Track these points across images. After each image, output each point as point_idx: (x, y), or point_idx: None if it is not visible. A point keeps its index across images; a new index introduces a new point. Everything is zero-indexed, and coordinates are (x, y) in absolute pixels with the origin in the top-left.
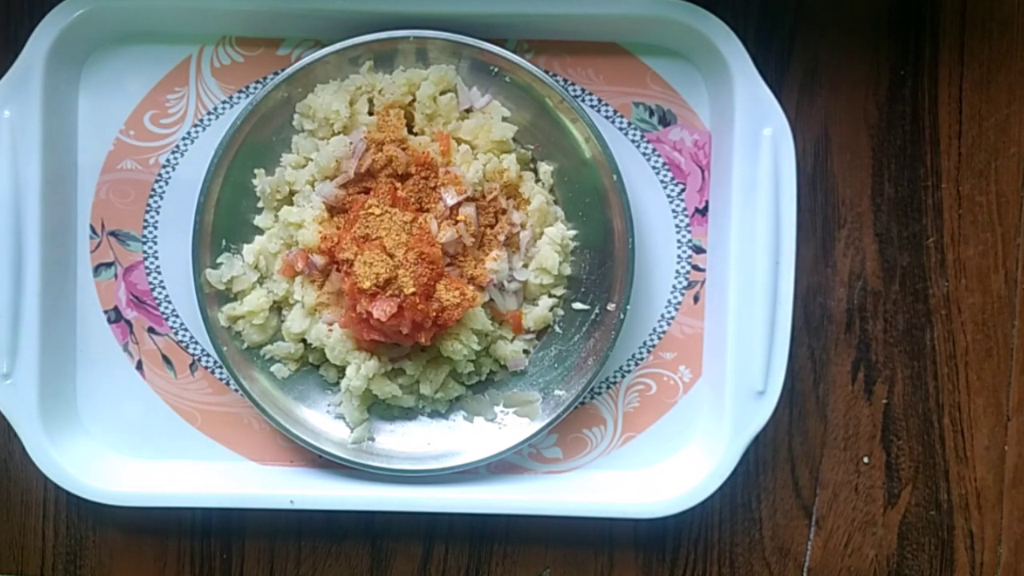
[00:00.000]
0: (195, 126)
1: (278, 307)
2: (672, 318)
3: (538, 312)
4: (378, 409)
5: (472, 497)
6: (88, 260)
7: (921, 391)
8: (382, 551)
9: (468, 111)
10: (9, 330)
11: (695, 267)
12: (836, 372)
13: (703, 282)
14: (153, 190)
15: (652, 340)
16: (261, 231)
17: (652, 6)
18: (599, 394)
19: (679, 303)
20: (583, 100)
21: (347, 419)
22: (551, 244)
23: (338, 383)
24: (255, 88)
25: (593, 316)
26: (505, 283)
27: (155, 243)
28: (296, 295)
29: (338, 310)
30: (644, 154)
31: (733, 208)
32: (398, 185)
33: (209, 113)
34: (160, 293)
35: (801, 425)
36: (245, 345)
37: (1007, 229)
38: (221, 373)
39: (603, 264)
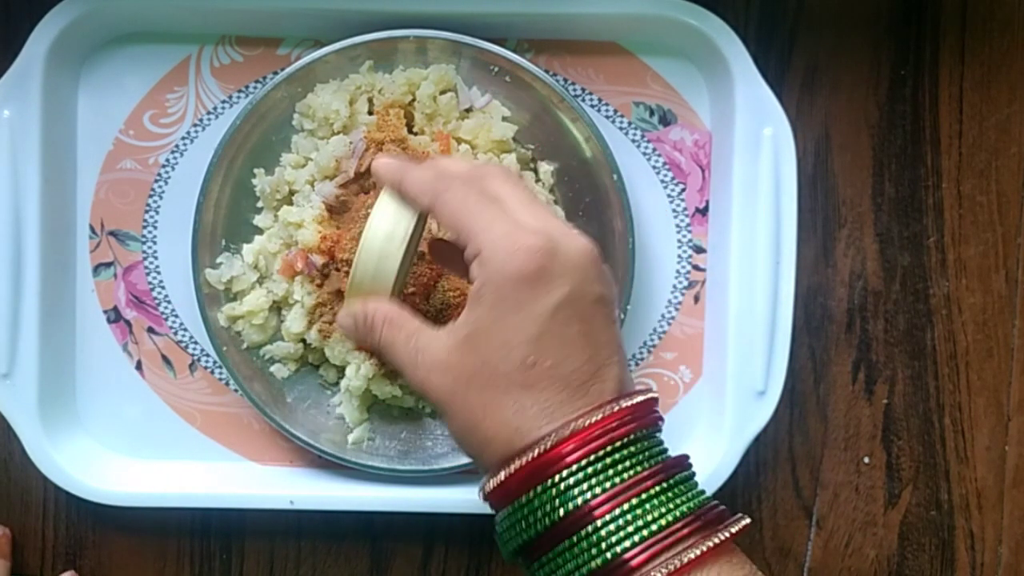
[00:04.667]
0: (195, 126)
1: (278, 307)
2: (672, 318)
3: None
4: (378, 409)
5: (472, 497)
6: (88, 260)
7: (922, 391)
8: (382, 551)
9: (468, 111)
10: (8, 330)
11: (695, 267)
12: (837, 372)
13: (703, 282)
14: (153, 190)
15: (652, 340)
16: (261, 231)
17: (652, 5)
18: None
19: (679, 303)
20: (583, 100)
21: (347, 419)
22: None
23: (338, 383)
24: (255, 88)
25: None
26: None
27: (155, 243)
28: (296, 295)
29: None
30: (644, 154)
31: (733, 208)
32: None
33: (209, 113)
34: (160, 293)
35: (802, 425)
36: (245, 345)
37: (1008, 229)
38: (221, 373)
39: (603, 264)
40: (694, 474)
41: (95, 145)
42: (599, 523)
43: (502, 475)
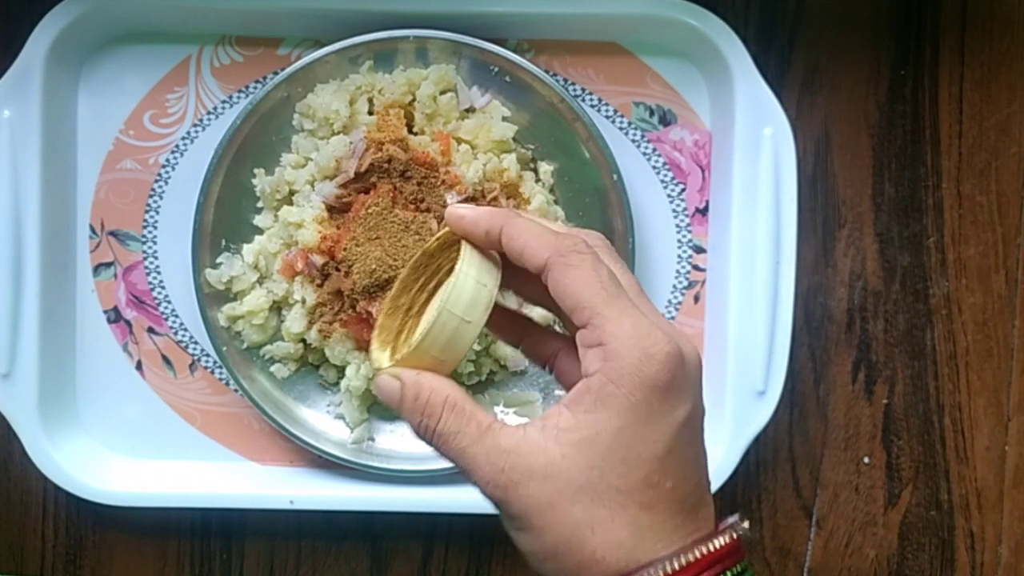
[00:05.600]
0: (195, 126)
1: (278, 307)
2: (672, 318)
3: (538, 312)
4: (378, 409)
5: (472, 497)
6: (88, 260)
7: (921, 391)
8: (382, 551)
9: (468, 111)
10: (9, 330)
11: (695, 267)
12: (836, 372)
13: (703, 282)
14: (153, 190)
15: None
16: (261, 231)
17: (652, 5)
18: None
19: (679, 303)
20: (583, 100)
21: (347, 419)
22: None
23: (338, 383)
24: (255, 88)
25: None
26: None
27: (155, 243)
28: (296, 295)
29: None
30: (644, 154)
31: (733, 208)
32: (398, 185)
33: (209, 113)
34: (160, 293)
35: (801, 425)
36: (245, 345)
37: (1007, 229)
38: (221, 373)
39: None
40: None
41: (95, 145)
42: None
43: None
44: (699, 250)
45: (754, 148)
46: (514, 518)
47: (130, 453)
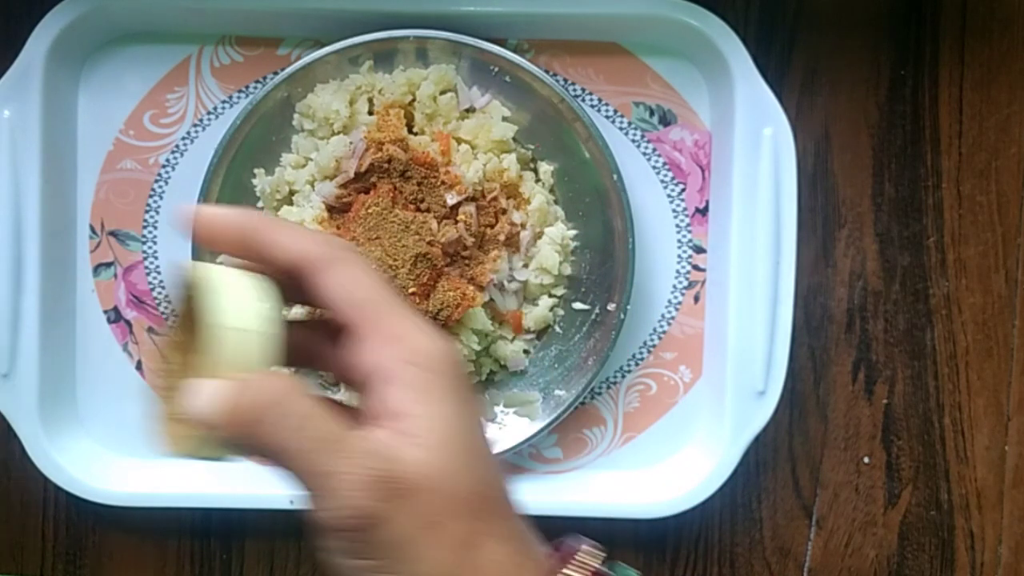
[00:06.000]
0: (195, 126)
1: None
2: (672, 318)
3: (538, 312)
4: None
5: None
6: (88, 260)
7: (921, 391)
8: None
9: (468, 111)
10: (9, 330)
11: (695, 267)
12: (836, 372)
13: (703, 282)
14: (153, 190)
15: (652, 340)
16: None
17: (652, 5)
18: (599, 394)
19: (679, 303)
20: (583, 100)
21: None
22: (551, 244)
23: (338, 383)
24: (255, 88)
25: (593, 316)
26: (505, 283)
27: (155, 243)
28: None
29: None
30: (644, 154)
31: (733, 208)
32: (398, 185)
33: (209, 113)
34: (160, 293)
35: (801, 425)
36: None
37: (1008, 229)
38: None
39: (603, 264)
40: None
41: (95, 145)
42: None
43: None
44: (699, 250)
45: (754, 148)
46: (383, 546)
47: (130, 453)
